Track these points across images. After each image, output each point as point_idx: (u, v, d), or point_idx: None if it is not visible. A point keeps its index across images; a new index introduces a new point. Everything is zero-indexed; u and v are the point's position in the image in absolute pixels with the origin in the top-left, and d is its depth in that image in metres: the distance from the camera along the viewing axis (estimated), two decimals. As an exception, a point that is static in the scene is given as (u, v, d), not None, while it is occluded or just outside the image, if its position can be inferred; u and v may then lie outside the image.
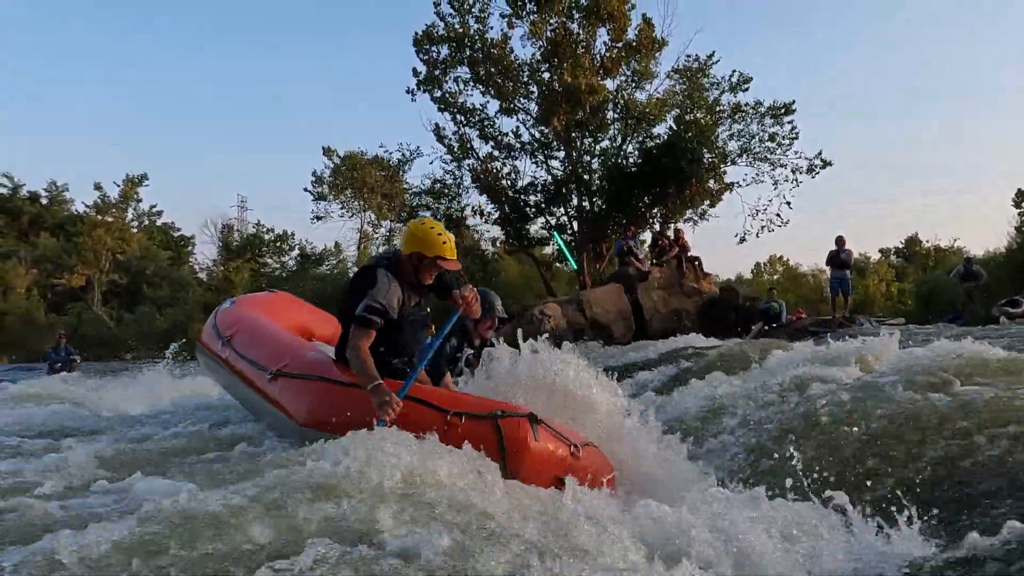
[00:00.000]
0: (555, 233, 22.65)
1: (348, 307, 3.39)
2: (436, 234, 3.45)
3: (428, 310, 3.67)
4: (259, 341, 4.32)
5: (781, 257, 44.01)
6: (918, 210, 69.71)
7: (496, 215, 23.29)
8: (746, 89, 21.37)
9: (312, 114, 75.22)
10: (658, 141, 21.20)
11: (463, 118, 22.59)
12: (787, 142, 21.15)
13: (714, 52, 21.63)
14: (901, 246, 45.68)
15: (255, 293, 5.93)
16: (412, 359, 3.50)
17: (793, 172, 21.18)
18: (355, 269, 41.45)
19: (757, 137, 21.44)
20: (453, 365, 4.37)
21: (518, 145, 22.76)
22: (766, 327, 14.17)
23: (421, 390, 3.13)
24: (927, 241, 43.85)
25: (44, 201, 46.02)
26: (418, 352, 3.51)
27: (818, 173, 21.01)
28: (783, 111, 20.98)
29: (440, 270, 3.49)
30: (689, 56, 21.71)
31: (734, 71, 21.52)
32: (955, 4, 70.92)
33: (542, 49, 21.10)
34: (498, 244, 27.16)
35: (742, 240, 21.96)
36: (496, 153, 23.02)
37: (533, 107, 21.98)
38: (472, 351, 4.48)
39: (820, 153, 20.97)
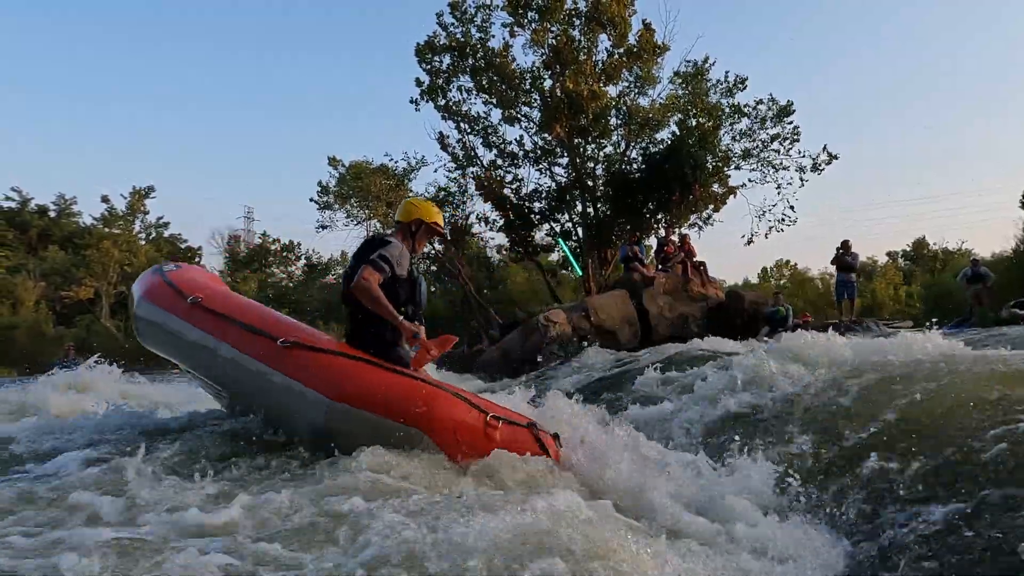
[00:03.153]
0: (560, 240, 22.65)
1: (357, 264, 3.74)
2: (432, 205, 4.10)
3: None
4: (242, 307, 3.86)
5: (788, 261, 43.89)
6: (926, 213, 69.48)
7: (501, 222, 23.33)
8: (743, 90, 21.42)
9: (317, 125, 75.72)
10: (662, 147, 21.22)
11: (467, 126, 22.67)
12: (788, 143, 21.15)
13: (708, 55, 21.71)
14: (908, 249, 45.44)
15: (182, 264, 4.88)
16: (417, 311, 3.87)
17: (798, 171, 21.13)
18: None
19: (760, 139, 21.43)
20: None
21: (521, 152, 22.82)
22: (771, 332, 14.09)
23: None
24: (934, 244, 43.67)
25: (52, 214, 46.33)
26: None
27: (823, 170, 20.93)
28: (782, 113, 20.97)
29: (435, 235, 4.11)
30: (688, 61, 21.80)
31: (727, 72, 21.62)
32: (961, 6, 70.85)
33: (544, 57, 21.16)
34: (503, 251, 27.21)
35: (749, 241, 21.88)
36: (500, 161, 23.08)
37: (536, 114, 22.03)
38: None
39: (825, 147, 20.89)
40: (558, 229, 23.07)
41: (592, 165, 22.35)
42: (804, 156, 21.04)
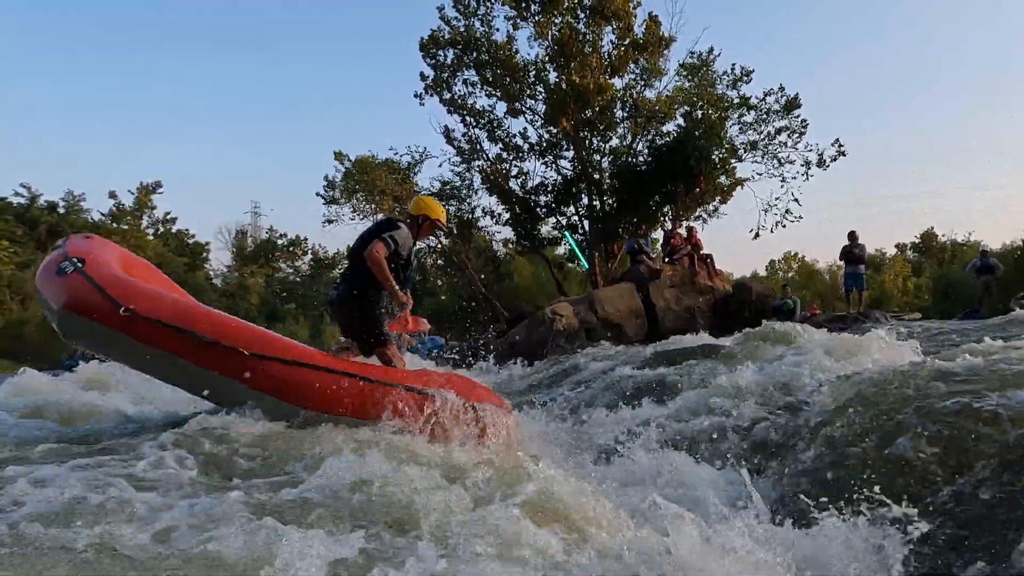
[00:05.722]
0: (566, 233, 22.61)
1: (367, 238, 4.40)
2: (438, 204, 4.87)
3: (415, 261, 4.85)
4: (186, 313, 3.73)
5: (796, 254, 43.71)
6: (934, 205, 69.08)
7: (507, 216, 23.30)
8: (749, 81, 21.33)
9: (317, 125, 75.85)
10: (668, 139, 21.15)
11: (472, 120, 22.64)
12: (796, 136, 21.06)
13: (712, 47, 21.68)
14: (917, 241, 45.15)
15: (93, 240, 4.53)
16: (404, 286, 4.50)
17: (804, 165, 21.05)
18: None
19: (766, 133, 21.33)
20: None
21: (527, 146, 22.79)
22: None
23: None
24: (943, 236, 43.37)
25: (61, 210, 46.49)
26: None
27: (828, 166, 20.85)
28: (790, 106, 20.86)
29: (437, 230, 4.88)
30: (692, 53, 21.73)
31: (734, 64, 21.52)
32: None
33: (548, 49, 21.09)
34: (509, 245, 27.20)
35: (756, 235, 21.84)
36: (505, 154, 23.05)
37: (541, 107, 21.98)
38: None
39: (837, 141, 20.77)
40: (564, 222, 23.04)
41: (598, 158, 22.30)
42: (811, 150, 20.99)
